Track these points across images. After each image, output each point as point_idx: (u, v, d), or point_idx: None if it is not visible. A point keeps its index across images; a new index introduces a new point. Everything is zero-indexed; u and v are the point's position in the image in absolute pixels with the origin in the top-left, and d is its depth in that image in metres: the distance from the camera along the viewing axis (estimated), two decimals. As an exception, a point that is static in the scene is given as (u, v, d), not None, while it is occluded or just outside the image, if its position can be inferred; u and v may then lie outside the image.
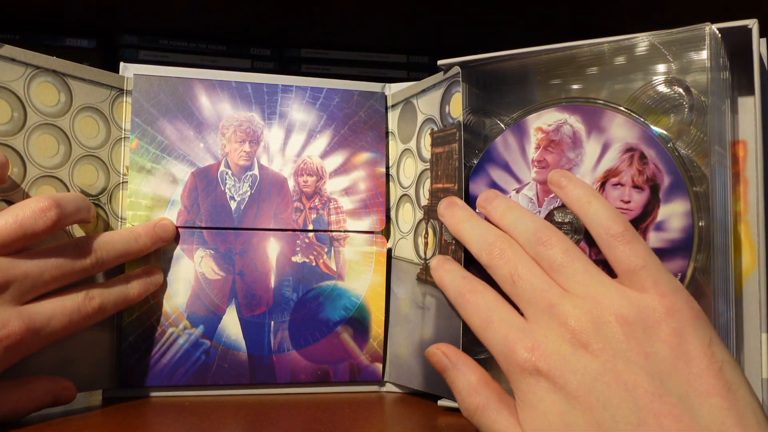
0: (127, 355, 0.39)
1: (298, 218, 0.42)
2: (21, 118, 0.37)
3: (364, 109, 0.44)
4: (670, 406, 0.25)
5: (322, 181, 0.43)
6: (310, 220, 0.42)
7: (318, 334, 0.41)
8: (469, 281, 0.33)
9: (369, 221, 0.43)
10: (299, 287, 0.42)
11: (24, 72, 0.37)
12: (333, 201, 0.43)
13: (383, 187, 0.44)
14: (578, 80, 0.36)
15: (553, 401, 0.27)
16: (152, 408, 0.37)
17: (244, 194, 0.41)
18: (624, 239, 0.29)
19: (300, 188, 0.42)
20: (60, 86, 0.38)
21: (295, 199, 0.42)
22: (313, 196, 0.42)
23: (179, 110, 0.41)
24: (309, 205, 0.42)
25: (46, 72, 0.38)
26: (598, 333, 0.27)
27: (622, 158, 0.34)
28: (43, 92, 0.38)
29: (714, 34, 0.32)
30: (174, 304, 0.40)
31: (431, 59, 0.72)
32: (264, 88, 0.43)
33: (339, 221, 0.43)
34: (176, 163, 0.41)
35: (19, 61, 0.37)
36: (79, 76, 0.39)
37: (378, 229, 0.43)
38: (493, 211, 0.34)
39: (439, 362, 0.33)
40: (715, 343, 0.26)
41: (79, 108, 0.39)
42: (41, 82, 0.37)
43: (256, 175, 0.42)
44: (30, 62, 0.37)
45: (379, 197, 0.43)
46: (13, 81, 0.37)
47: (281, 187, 0.42)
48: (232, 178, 0.41)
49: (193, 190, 0.41)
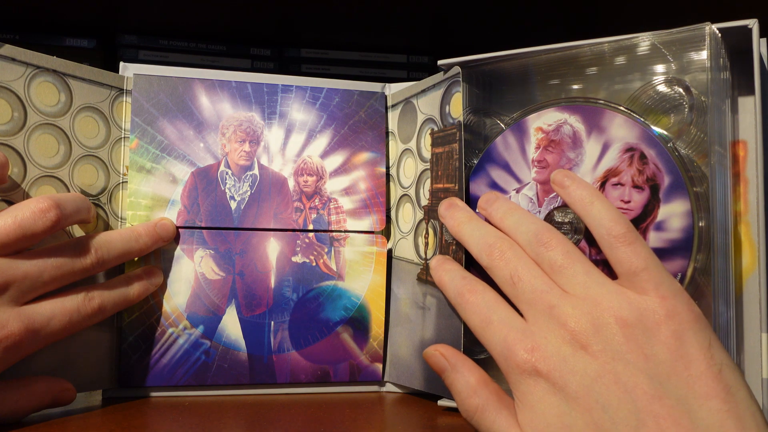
0: (127, 355, 0.39)
1: (298, 218, 0.42)
2: (21, 117, 0.37)
3: (364, 109, 0.44)
4: (669, 408, 0.25)
5: (322, 180, 0.43)
6: (310, 219, 0.42)
7: (318, 334, 0.41)
8: (469, 281, 0.33)
9: (369, 221, 0.43)
10: (299, 287, 0.41)
11: (24, 72, 0.37)
12: (333, 201, 0.43)
13: (383, 187, 0.44)
14: (578, 80, 0.36)
15: (553, 402, 0.27)
16: (152, 408, 0.37)
17: (244, 194, 0.41)
18: (625, 240, 0.29)
19: (300, 188, 0.42)
20: (60, 86, 0.38)
21: (295, 198, 0.42)
22: (314, 196, 0.42)
23: (179, 110, 0.41)
24: (309, 205, 0.42)
25: (46, 72, 0.38)
26: (598, 334, 0.27)
27: (622, 158, 0.33)
28: (43, 92, 0.38)
29: (714, 34, 0.32)
30: (174, 304, 0.40)
31: (431, 59, 0.72)
32: (264, 88, 0.43)
33: (339, 221, 0.43)
34: (176, 162, 0.41)
35: (20, 60, 0.37)
36: (79, 76, 0.39)
37: (378, 229, 0.43)
38: (494, 212, 0.34)
39: (437, 363, 0.33)
40: (714, 345, 0.26)
41: (79, 108, 0.39)
42: (41, 82, 0.37)
43: (256, 175, 0.42)
44: (30, 62, 0.37)
45: (379, 197, 0.43)
46: (13, 81, 0.37)
47: (281, 187, 0.42)
48: (232, 177, 0.41)
49: (193, 189, 0.41)
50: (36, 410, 0.34)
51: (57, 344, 0.36)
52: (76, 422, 0.34)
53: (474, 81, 0.39)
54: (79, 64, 0.39)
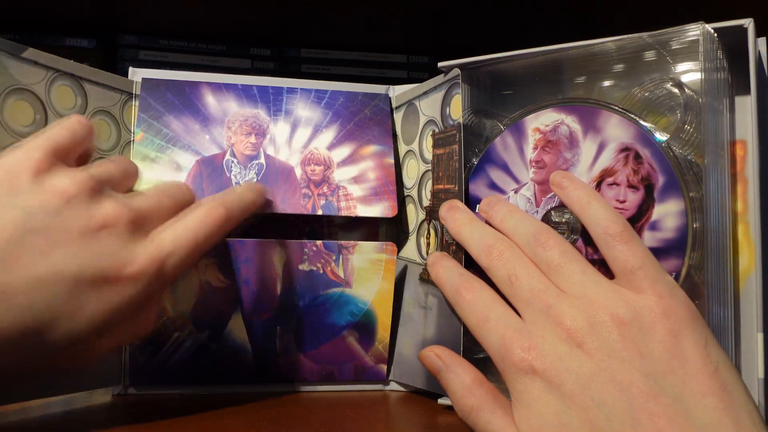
0: (135, 356, 0.39)
1: (307, 203, 0.41)
2: (42, 120, 0.37)
3: (369, 107, 0.44)
4: (665, 407, 0.25)
5: (330, 170, 0.42)
6: (318, 205, 0.41)
7: (324, 338, 0.41)
8: (466, 278, 0.33)
9: (381, 207, 0.42)
10: (306, 294, 0.41)
11: (46, 75, 0.37)
12: (342, 188, 0.42)
13: (393, 176, 0.42)
14: (575, 80, 0.36)
15: (549, 401, 0.27)
16: (160, 406, 0.38)
17: (251, 181, 0.41)
18: (622, 239, 0.29)
19: (308, 176, 0.41)
20: (76, 89, 0.39)
21: (303, 186, 0.41)
22: (321, 184, 0.41)
23: (185, 107, 0.41)
24: (318, 192, 0.41)
25: (64, 75, 0.38)
26: (594, 332, 0.27)
27: (617, 158, 0.34)
28: (62, 95, 0.38)
29: (708, 34, 0.32)
30: (179, 311, 0.39)
31: (431, 59, 0.72)
32: (270, 90, 0.43)
33: (349, 207, 0.41)
34: (181, 152, 0.41)
35: (42, 64, 0.37)
36: (93, 80, 0.40)
37: (390, 215, 0.42)
38: (494, 215, 0.34)
39: (432, 364, 0.33)
40: (710, 343, 0.26)
41: (93, 111, 0.40)
42: (60, 86, 0.38)
43: (262, 164, 0.41)
44: (51, 65, 0.37)
45: (389, 185, 0.42)
46: (36, 84, 0.37)
47: (288, 175, 0.41)
48: (238, 166, 0.41)
49: (198, 176, 0.40)
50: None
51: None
52: (87, 418, 0.35)
53: (474, 82, 0.39)
54: (93, 68, 0.40)
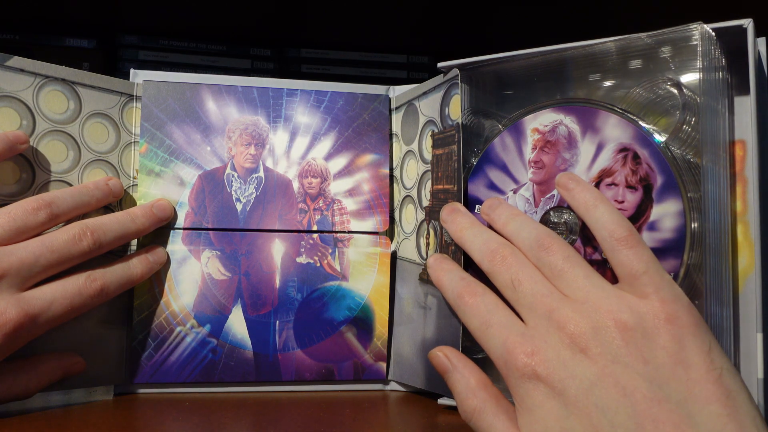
0: (137, 352, 0.40)
1: (303, 219, 0.43)
2: (30, 125, 0.37)
3: (368, 111, 0.44)
4: (669, 412, 0.25)
5: (326, 182, 0.43)
6: (314, 221, 0.43)
7: (322, 333, 0.42)
8: (468, 283, 0.33)
9: (373, 222, 0.44)
10: (304, 287, 0.42)
11: (33, 81, 0.38)
12: (337, 202, 0.43)
13: (387, 188, 0.44)
14: (574, 81, 0.36)
15: (552, 406, 0.27)
16: (161, 403, 0.38)
17: (250, 196, 0.42)
18: (627, 243, 0.29)
19: (304, 189, 0.43)
20: (69, 94, 0.39)
21: (299, 200, 0.43)
22: (318, 198, 0.43)
23: (187, 115, 0.42)
24: (313, 207, 0.43)
25: (55, 81, 0.38)
26: (597, 338, 0.27)
27: (616, 158, 0.33)
28: (52, 100, 0.38)
29: (707, 34, 0.32)
30: (182, 304, 0.41)
31: (431, 59, 0.72)
32: (269, 92, 0.43)
33: (343, 222, 0.43)
34: (184, 166, 0.42)
35: (28, 71, 0.38)
36: (88, 84, 0.40)
37: (382, 230, 0.44)
38: (496, 218, 0.34)
39: (440, 364, 0.33)
40: (714, 350, 0.26)
41: (88, 114, 0.40)
42: (50, 91, 0.38)
43: (261, 178, 0.42)
44: (39, 72, 0.38)
45: (382, 198, 0.44)
46: (21, 90, 0.37)
47: (286, 189, 0.43)
48: (238, 180, 0.42)
49: (200, 192, 0.42)
50: (47, 386, 0.35)
51: (69, 341, 0.37)
52: (87, 415, 0.35)
53: (474, 83, 0.39)
54: (88, 72, 0.40)
